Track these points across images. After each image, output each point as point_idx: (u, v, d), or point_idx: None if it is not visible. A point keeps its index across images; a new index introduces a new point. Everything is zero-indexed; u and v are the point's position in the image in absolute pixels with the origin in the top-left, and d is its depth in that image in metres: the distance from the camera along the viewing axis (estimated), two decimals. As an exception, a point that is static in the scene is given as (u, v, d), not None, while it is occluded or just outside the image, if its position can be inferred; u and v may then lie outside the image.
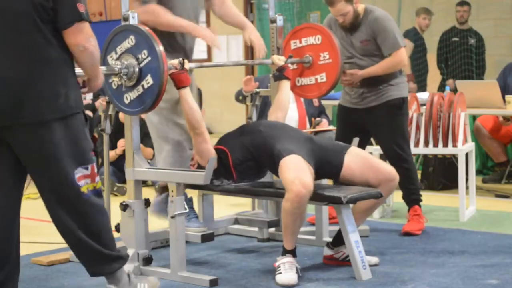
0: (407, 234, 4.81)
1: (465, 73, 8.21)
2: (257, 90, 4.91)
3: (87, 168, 3.29)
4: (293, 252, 3.91)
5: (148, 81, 3.72)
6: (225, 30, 11.11)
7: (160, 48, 3.68)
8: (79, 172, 3.26)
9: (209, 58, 11.30)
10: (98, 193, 3.35)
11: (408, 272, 3.99)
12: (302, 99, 6.17)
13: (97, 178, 3.34)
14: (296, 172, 3.77)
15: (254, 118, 4.88)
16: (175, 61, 3.90)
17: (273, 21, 4.79)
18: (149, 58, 3.70)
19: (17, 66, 3.13)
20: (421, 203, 4.99)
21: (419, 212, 4.93)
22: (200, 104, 7.97)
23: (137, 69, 3.73)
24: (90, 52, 3.25)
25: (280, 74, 4.49)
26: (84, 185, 3.28)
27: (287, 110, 4.46)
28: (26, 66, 3.14)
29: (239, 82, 10.85)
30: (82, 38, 3.22)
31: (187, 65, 3.94)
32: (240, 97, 5.81)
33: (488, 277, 3.88)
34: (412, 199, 4.96)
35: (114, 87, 3.85)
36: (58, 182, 3.25)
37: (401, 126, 4.89)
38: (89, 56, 3.26)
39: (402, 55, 4.77)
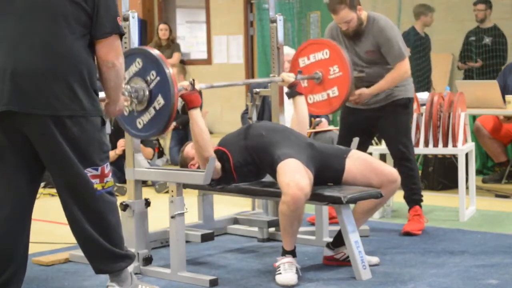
0: (408, 234, 4.81)
1: (492, 74, 8.10)
2: (257, 90, 4.91)
3: (96, 169, 3.29)
4: (292, 253, 3.91)
5: (159, 101, 3.69)
6: (225, 30, 11.19)
7: (170, 69, 3.66)
8: (88, 172, 3.27)
9: (209, 58, 11.31)
10: (108, 191, 3.35)
11: (408, 272, 3.99)
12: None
13: (107, 179, 3.33)
14: (292, 175, 3.77)
15: (254, 118, 4.88)
16: (186, 83, 3.90)
17: (273, 21, 4.78)
18: (158, 78, 3.68)
19: (40, 58, 3.14)
20: (421, 203, 4.99)
21: (419, 212, 4.94)
22: (201, 105, 7.97)
23: (147, 92, 3.70)
24: (116, 70, 3.28)
25: (293, 90, 4.45)
26: (95, 184, 3.29)
27: (307, 125, 4.45)
28: (48, 60, 3.14)
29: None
30: (114, 54, 3.25)
31: (198, 85, 3.93)
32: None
33: (488, 277, 3.88)
34: (413, 199, 4.96)
35: (125, 113, 3.85)
36: (72, 178, 3.25)
37: (406, 125, 4.90)
38: (115, 74, 3.28)
39: (406, 65, 4.76)
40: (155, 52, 3.71)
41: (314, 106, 4.75)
